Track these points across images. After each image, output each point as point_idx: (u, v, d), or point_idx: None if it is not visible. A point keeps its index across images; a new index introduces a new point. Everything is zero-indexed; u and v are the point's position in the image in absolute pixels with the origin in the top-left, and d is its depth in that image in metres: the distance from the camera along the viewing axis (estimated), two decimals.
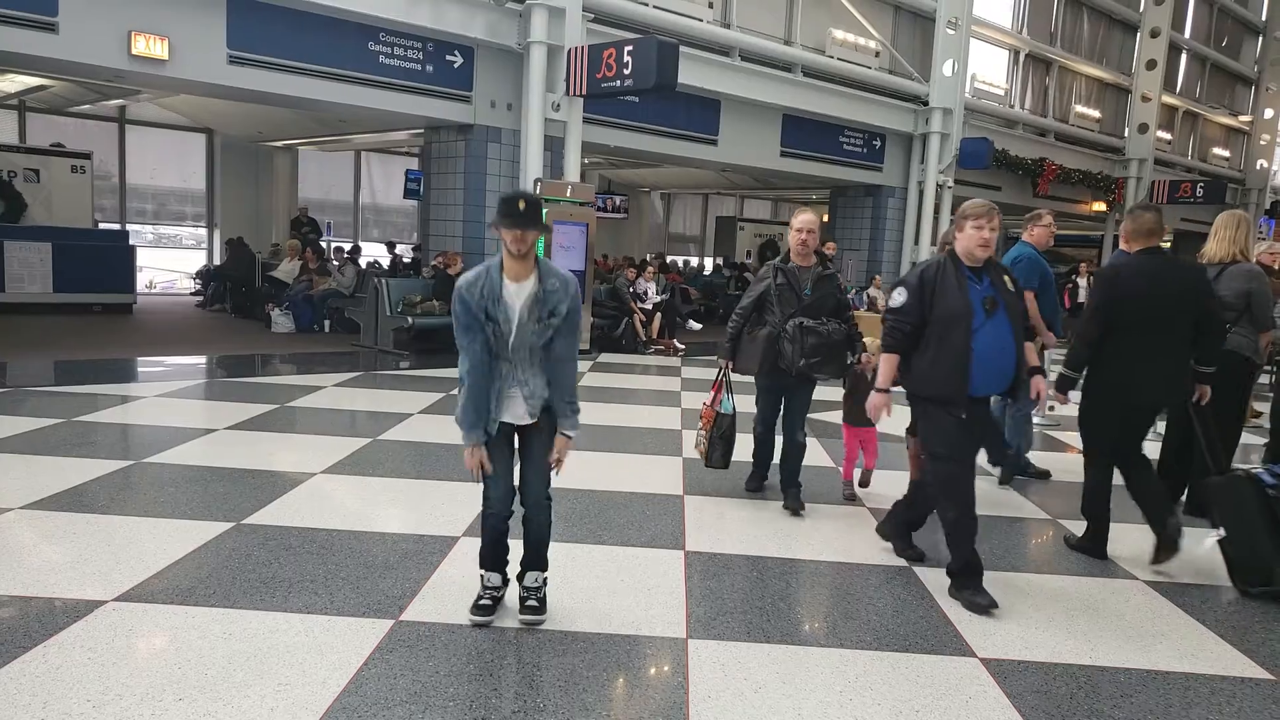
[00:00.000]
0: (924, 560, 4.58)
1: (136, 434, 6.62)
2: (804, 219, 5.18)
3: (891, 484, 5.85)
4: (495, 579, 3.68)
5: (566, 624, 3.61)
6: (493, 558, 3.67)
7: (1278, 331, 6.55)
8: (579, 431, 3.56)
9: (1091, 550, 4.97)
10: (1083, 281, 17.10)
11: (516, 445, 3.60)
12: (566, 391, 3.50)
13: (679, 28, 12.94)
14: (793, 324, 5.06)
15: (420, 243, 15.93)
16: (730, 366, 5.42)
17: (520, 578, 3.66)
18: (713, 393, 5.58)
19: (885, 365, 4.23)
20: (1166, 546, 4.70)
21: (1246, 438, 8.73)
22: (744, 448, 5.75)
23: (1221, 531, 4.60)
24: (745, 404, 5.75)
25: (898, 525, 4.73)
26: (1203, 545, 5.13)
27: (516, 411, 3.49)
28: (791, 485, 5.41)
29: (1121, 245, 4.99)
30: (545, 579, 3.67)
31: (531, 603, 3.62)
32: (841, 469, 5.94)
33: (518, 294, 3.37)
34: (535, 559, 3.66)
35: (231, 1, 9.84)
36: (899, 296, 4.18)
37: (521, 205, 3.27)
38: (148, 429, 6.69)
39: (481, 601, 3.63)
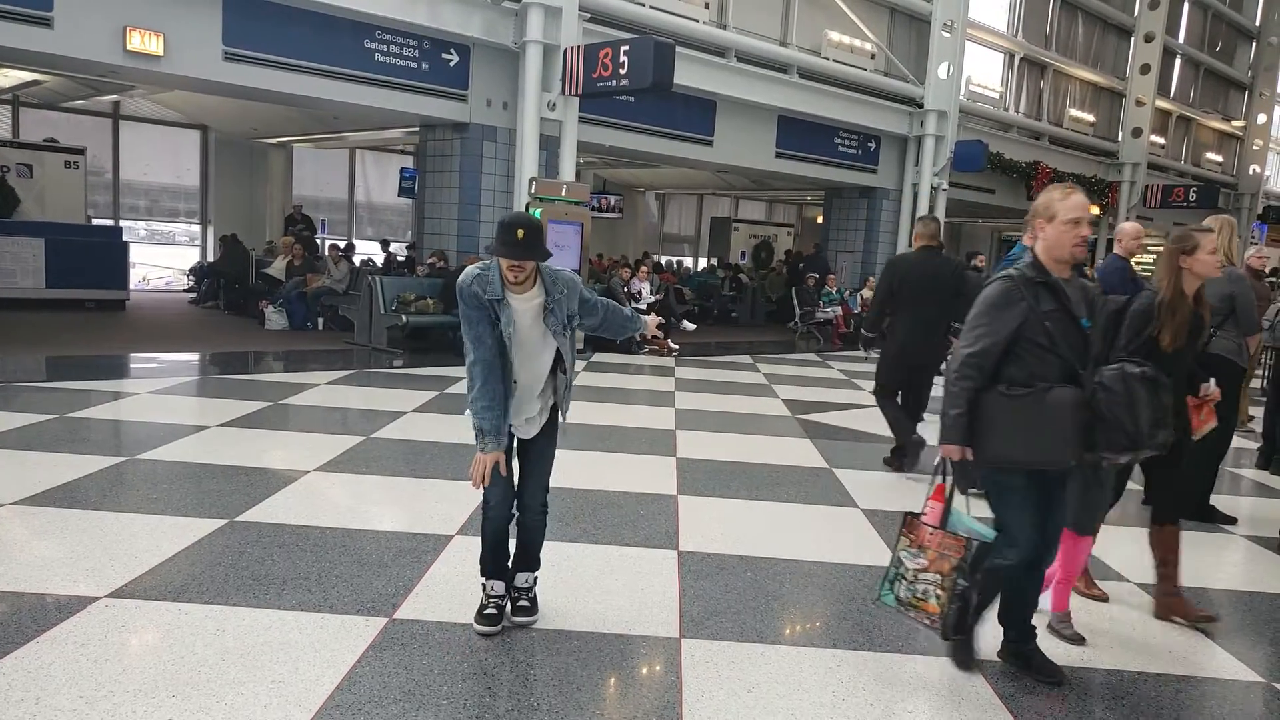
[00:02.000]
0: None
1: (129, 430, 6.60)
2: (1077, 202, 3.23)
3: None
4: (499, 587, 3.56)
5: (560, 623, 3.61)
6: (494, 564, 3.56)
7: (1266, 335, 6.59)
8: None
9: (905, 460, 6.50)
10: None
11: (514, 447, 3.55)
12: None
13: (675, 28, 12.96)
14: (1129, 372, 3.18)
15: (414, 241, 15.91)
16: (965, 459, 3.24)
17: (511, 577, 3.62)
18: (931, 502, 3.36)
19: None
20: (911, 453, 6.39)
21: (1239, 442, 8.78)
22: None
23: None
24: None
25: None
26: None
27: (520, 423, 3.45)
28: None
29: (916, 243, 6.50)
30: (535, 578, 3.65)
31: (523, 603, 3.60)
32: (1051, 597, 3.87)
33: (523, 304, 3.27)
34: (527, 560, 3.62)
35: None
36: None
37: (520, 234, 3.09)
38: (140, 425, 6.67)
39: (487, 611, 3.51)
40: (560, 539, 4.52)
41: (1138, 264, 7.29)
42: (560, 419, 3.54)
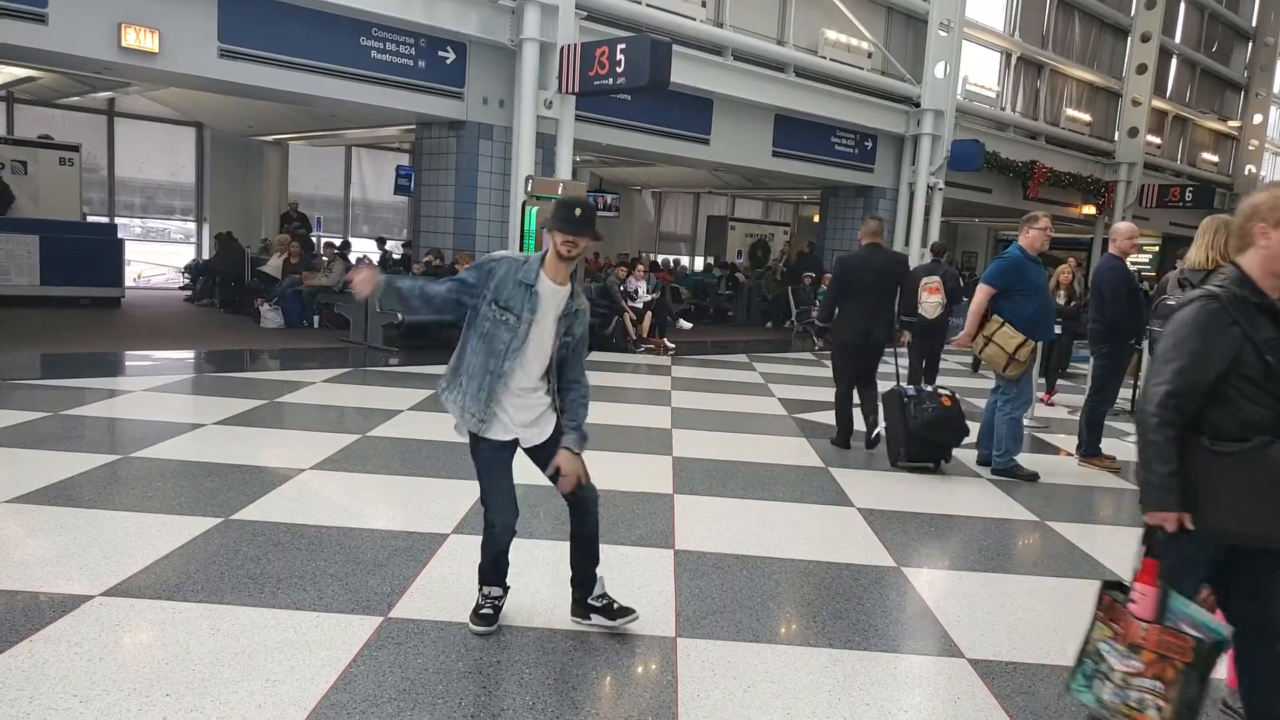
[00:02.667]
0: None
1: (124, 428, 6.58)
2: None
3: None
4: (496, 590, 3.55)
5: (556, 622, 3.61)
6: (493, 574, 3.54)
7: None
8: (582, 448, 3.44)
9: (838, 441, 7.23)
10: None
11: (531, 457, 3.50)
12: (571, 412, 3.43)
13: (672, 26, 12.94)
14: None
15: (410, 239, 15.89)
16: (1185, 526, 2.53)
17: (580, 586, 3.56)
18: (1140, 585, 2.60)
19: None
20: (872, 441, 7.05)
21: None
22: None
23: None
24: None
25: None
26: None
27: (518, 428, 3.38)
28: None
29: (863, 240, 7.19)
30: (601, 577, 3.59)
31: (617, 605, 3.54)
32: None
33: (553, 294, 3.28)
34: (591, 560, 3.54)
35: None
36: None
37: (578, 212, 3.21)
38: (135, 423, 6.66)
39: (483, 610, 3.50)
40: (556, 537, 4.52)
41: (1132, 263, 7.33)
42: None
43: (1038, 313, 6.43)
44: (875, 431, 7.08)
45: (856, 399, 7.24)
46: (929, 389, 6.73)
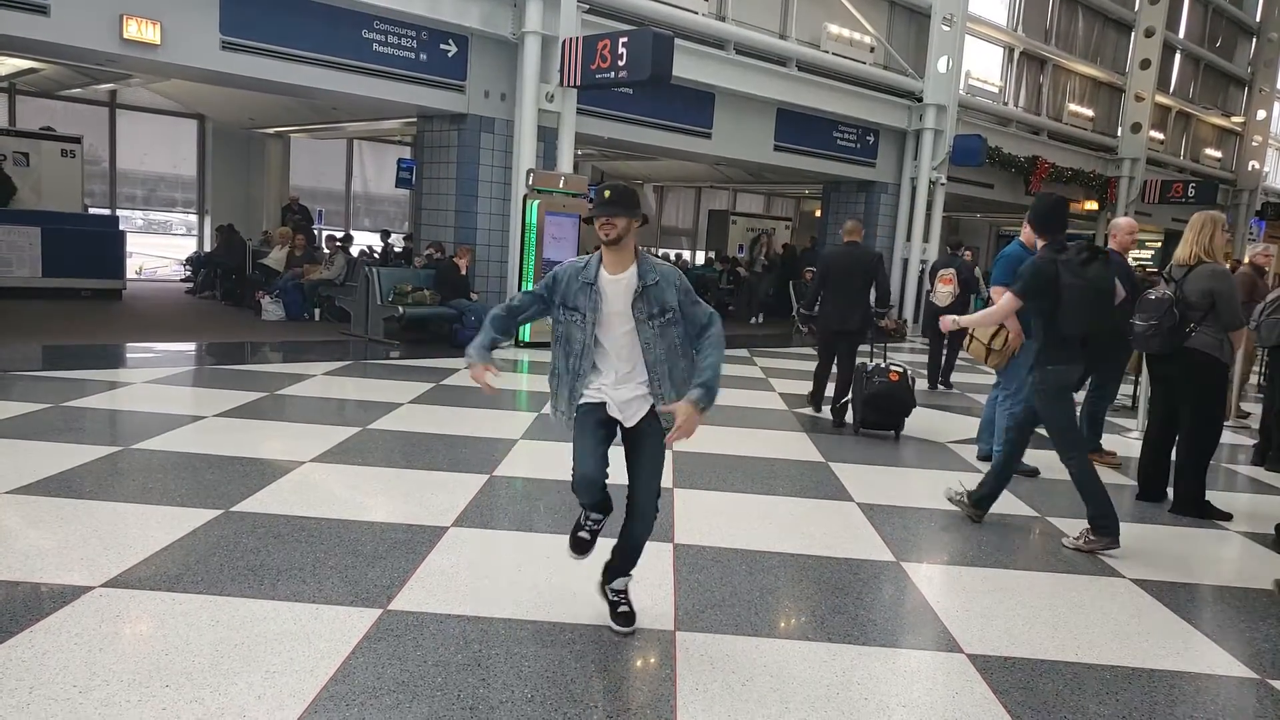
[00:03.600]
0: None
1: (125, 420, 6.59)
2: None
3: None
4: (596, 515, 3.50)
5: (555, 615, 3.61)
6: (593, 506, 3.48)
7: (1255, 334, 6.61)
8: (707, 405, 3.22)
9: (811, 403, 8.52)
10: None
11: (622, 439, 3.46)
12: (700, 374, 3.27)
13: (674, 20, 12.92)
14: None
15: (412, 232, 15.89)
16: None
17: (609, 579, 3.56)
18: None
19: None
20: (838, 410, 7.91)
21: (1235, 438, 8.80)
22: None
23: None
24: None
25: None
26: None
27: (615, 405, 3.35)
28: None
29: (844, 238, 8.14)
30: (628, 582, 3.58)
31: (623, 608, 3.53)
32: None
33: (614, 284, 3.28)
34: (625, 563, 3.53)
35: None
36: None
37: (607, 194, 3.26)
38: (136, 415, 6.66)
39: (580, 534, 3.53)
40: (555, 531, 4.53)
41: (1133, 259, 7.32)
42: (664, 423, 3.35)
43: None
44: (842, 400, 7.95)
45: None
46: (884, 365, 7.48)
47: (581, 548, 3.55)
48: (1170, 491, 5.99)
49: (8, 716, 2.65)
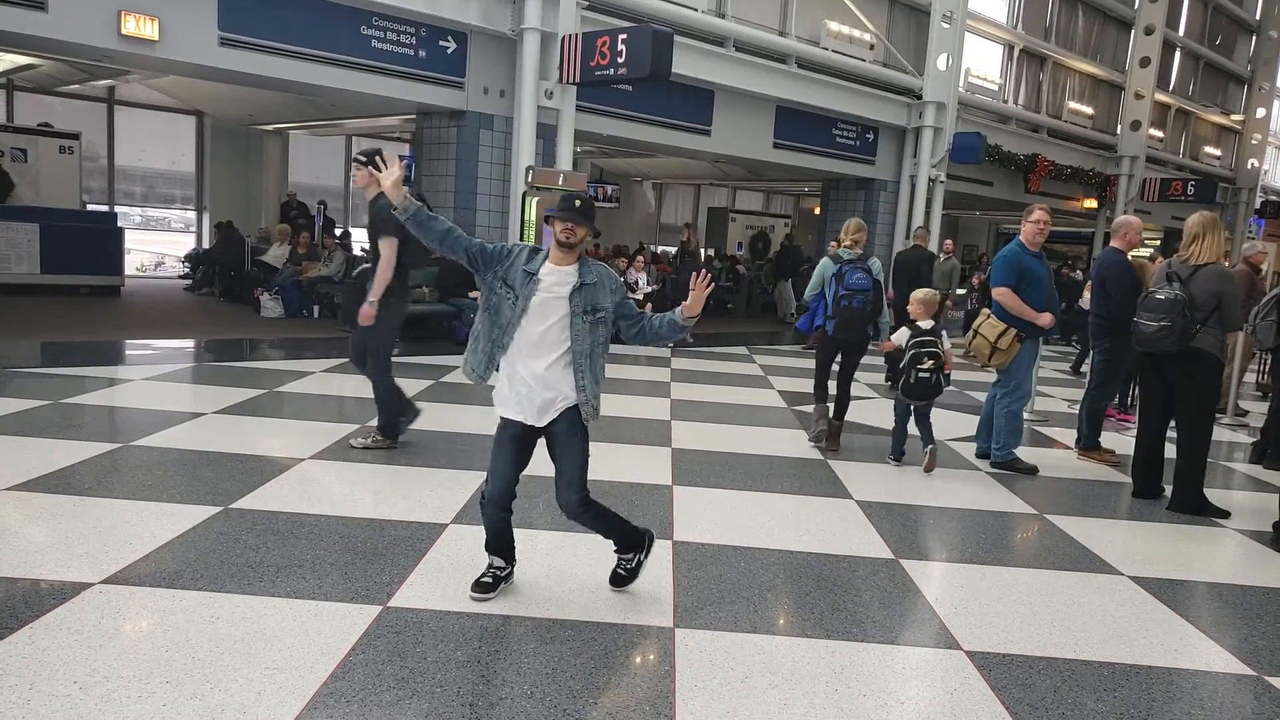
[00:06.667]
0: None
1: (124, 417, 6.58)
2: None
3: None
4: (498, 560, 3.76)
5: (554, 612, 3.62)
6: (496, 546, 3.74)
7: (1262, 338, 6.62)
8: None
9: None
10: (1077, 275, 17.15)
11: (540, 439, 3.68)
12: (666, 314, 3.75)
13: (673, 16, 12.90)
14: None
15: None
16: None
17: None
18: None
19: None
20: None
21: (1233, 436, 8.81)
22: None
23: None
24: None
25: None
26: None
27: (525, 408, 3.54)
28: None
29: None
30: (638, 560, 3.85)
31: (619, 571, 3.88)
32: None
33: (554, 275, 3.50)
34: (619, 546, 3.85)
35: None
36: None
37: (577, 203, 3.53)
38: (135, 412, 6.66)
39: (483, 579, 3.71)
40: (555, 528, 4.53)
41: (1132, 257, 7.32)
42: (584, 416, 3.58)
43: (1040, 306, 6.45)
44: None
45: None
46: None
47: (486, 590, 3.71)
48: (1167, 489, 6.00)
49: (8, 713, 2.66)
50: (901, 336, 6.50)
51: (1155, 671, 3.51)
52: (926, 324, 6.49)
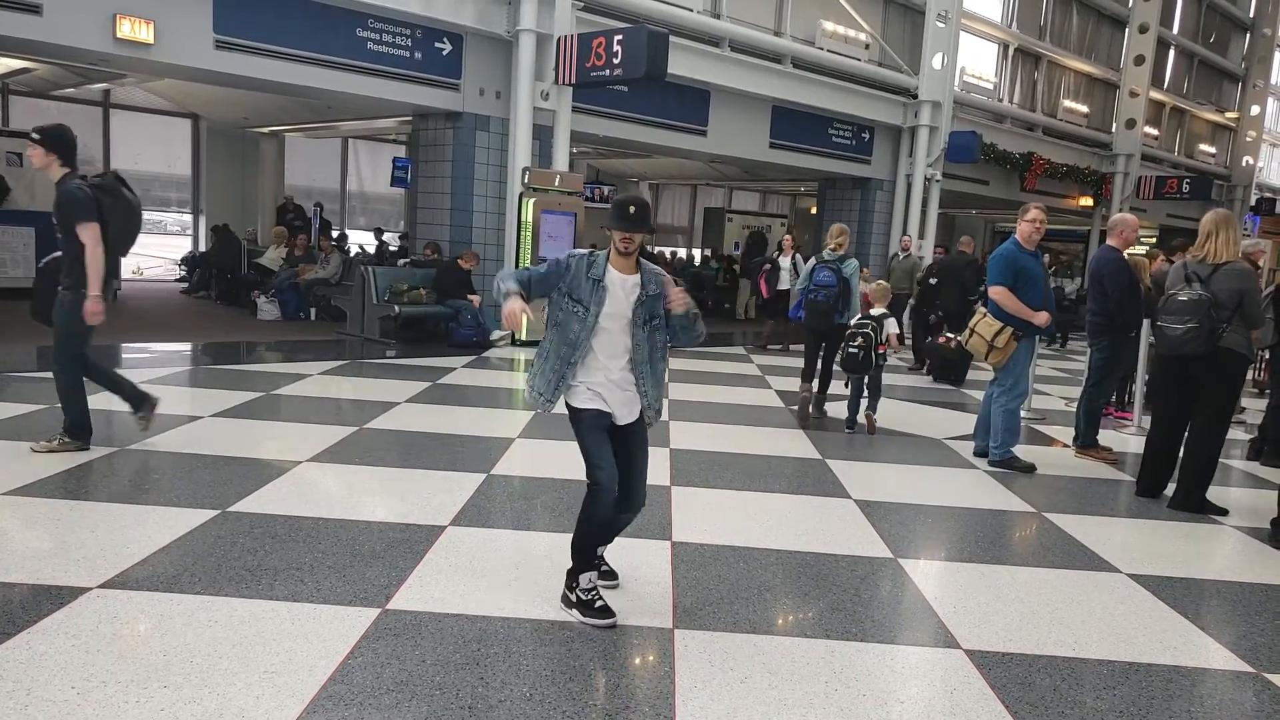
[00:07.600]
0: None
1: (120, 420, 6.56)
2: None
3: None
4: (594, 578, 3.64)
5: (553, 613, 3.61)
6: (608, 537, 3.70)
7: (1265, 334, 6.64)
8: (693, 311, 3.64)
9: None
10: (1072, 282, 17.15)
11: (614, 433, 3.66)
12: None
13: (669, 17, 12.91)
14: None
15: (407, 230, 15.86)
16: None
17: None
18: None
19: None
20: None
21: (1230, 433, 8.82)
22: None
23: None
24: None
25: None
26: None
27: (610, 404, 3.56)
28: None
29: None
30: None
31: (606, 567, 3.86)
32: None
33: (622, 285, 3.51)
34: (609, 539, 3.81)
35: None
36: None
37: (632, 210, 3.46)
38: (132, 415, 6.63)
39: (599, 604, 3.56)
40: (553, 529, 4.53)
41: (1128, 254, 7.32)
42: (646, 419, 3.65)
43: (1035, 305, 6.46)
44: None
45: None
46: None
47: (609, 614, 3.56)
48: (1171, 487, 5.98)
49: (6, 719, 2.65)
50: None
51: (1154, 669, 3.51)
52: (878, 311, 7.46)
